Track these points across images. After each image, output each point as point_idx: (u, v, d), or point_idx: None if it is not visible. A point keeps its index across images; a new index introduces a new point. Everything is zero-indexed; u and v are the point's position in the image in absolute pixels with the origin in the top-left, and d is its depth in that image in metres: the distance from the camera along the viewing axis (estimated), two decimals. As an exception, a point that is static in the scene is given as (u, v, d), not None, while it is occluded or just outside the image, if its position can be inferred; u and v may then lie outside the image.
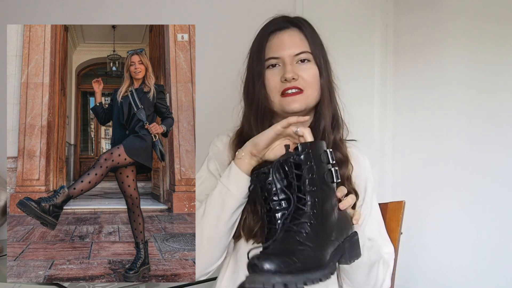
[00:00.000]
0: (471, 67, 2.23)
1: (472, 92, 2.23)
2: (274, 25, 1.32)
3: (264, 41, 1.31)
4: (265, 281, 0.95)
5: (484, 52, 2.19)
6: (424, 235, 2.33)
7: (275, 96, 1.29)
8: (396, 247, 1.43)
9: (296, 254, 0.99)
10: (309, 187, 1.05)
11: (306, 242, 1.02)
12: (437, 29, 2.34)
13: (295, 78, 1.27)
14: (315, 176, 1.06)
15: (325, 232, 1.05)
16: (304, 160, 1.06)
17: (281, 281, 0.96)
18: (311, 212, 1.04)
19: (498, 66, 2.14)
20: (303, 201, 1.05)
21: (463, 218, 2.26)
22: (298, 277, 0.97)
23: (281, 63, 1.29)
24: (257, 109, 1.31)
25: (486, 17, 2.18)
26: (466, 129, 2.25)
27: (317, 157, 1.08)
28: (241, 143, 1.30)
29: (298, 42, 1.31)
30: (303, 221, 1.03)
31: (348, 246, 1.09)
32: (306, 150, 1.07)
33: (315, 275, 1.00)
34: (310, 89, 1.29)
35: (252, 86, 1.32)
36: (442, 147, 2.32)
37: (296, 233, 1.02)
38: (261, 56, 1.30)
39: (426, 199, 2.34)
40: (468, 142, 2.24)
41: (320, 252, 1.03)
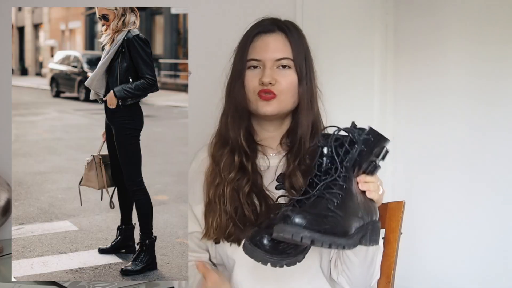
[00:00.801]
0: (472, 68, 2.23)
1: (474, 94, 2.23)
2: (261, 27, 1.35)
3: (248, 42, 1.34)
4: (294, 233, 1.02)
5: (484, 53, 2.19)
6: (424, 235, 2.33)
7: (252, 96, 1.32)
8: (396, 247, 1.44)
9: (326, 217, 1.06)
10: (350, 165, 1.12)
11: (336, 210, 1.08)
12: (437, 29, 2.34)
13: (272, 83, 1.30)
14: (359, 159, 1.13)
15: (353, 208, 1.11)
16: (363, 142, 1.13)
17: (309, 236, 1.02)
18: (344, 186, 1.11)
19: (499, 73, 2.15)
20: (340, 174, 1.11)
21: (464, 218, 2.25)
22: (325, 238, 1.04)
23: (262, 66, 1.32)
24: (235, 107, 1.35)
25: (486, 17, 2.18)
26: (467, 129, 2.25)
27: (374, 147, 1.15)
28: (221, 142, 1.36)
29: (281, 47, 1.33)
30: (336, 191, 1.10)
31: (371, 229, 1.14)
32: (371, 136, 1.14)
33: (340, 241, 1.06)
34: (285, 95, 1.32)
35: (233, 84, 1.35)
36: (443, 147, 2.32)
37: (328, 200, 1.09)
38: (243, 56, 1.33)
39: (426, 199, 2.34)
40: (469, 142, 2.24)
41: (347, 223, 1.09)
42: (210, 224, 1.33)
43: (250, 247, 1.13)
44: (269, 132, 1.40)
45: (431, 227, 2.34)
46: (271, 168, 1.37)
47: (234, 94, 1.34)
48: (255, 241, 1.13)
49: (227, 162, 1.34)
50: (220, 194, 1.32)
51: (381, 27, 2.52)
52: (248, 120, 1.37)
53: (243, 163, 1.33)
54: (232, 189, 1.32)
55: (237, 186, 1.32)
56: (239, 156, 1.34)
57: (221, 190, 1.33)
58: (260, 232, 1.13)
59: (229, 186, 1.32)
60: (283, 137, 1.39)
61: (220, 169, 1.34)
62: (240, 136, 1.34)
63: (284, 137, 1.39)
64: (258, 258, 1.12)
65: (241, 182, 1.32)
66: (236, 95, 1.33)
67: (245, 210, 1.30)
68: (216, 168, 1.35)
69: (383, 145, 1.17)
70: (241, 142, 1.34)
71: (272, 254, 1.11)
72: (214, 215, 1.32)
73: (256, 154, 1.38)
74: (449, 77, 2.31)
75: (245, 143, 1.34)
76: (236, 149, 1.34)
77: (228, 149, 1.35)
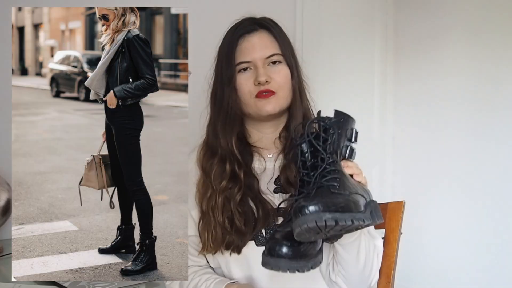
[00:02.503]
0: (472, 71, 2.23)
1: (474, 93, 2.23)
2: (242, 28, 1.33)
3: (233, 45, 1.31)
4: (316, 218, 1.02)
5: (484, 56, 2.19)
6: (424, 235, 2.33)
7: (249, 99, 1.30)
8: (396, 247, 1.43)
9: (337, 198, 1.06)
10: (333, 149, 1.13)
11: (341, 191, 1.09)
12: (437, 31, 2.34)
13: (268, 81, 1.29)
14: (338, 142, 1.15)
15: (352, 186, 1.12)
16: (336, 125, 1.14)
17: (331, 217, 1.02)
18: (336, 170, 1.12)
19: (499, 76, 2.14)
20: (328, 161, 1.12)
21: (464, 218, 2.26)
22: (345, 215, 1.04)
23: (253, 67, 1.30)
24: (225, 114, 1.32)
25: (487, 20, 2.18)
26: (466, 130, 2.25)
27: (345, 128, 1.16)
28: (209, 152, 1.34)
29: (268, 44, 1.32)
30: (332, 176, 1.10)
31: (373, 206, 1.14)
32: (340, 118, 1.15)
33: (359, 215, 1.07)
34: (283, 90, 1.31)
35: (221, 91, 1.32)
36: (443, 147, 2.32)
37: (329, 186, 1.09)
38: (231, 61, 1.30)
39: (426, 199, 2.34)
40: (470, 142, 2.24)
41: (355, 199, 1.09)
42: (206, 238, 1.32)
43: (272, 260, 1.11)
44: (266, 134, 1.38)
45: (431, 227, 2.34)
46: (268, 170, 1.36)
47: (224, 101, 1.31)
48: (275, 253, 1.11)
49: (217, 172, 1.32)
50: (213, 206, 1.31)
51: (381, 28, 2.52)
52: (241, 125, 1.35)
53: (235, 171, 1.31)
54: (224, 198, 1.30)
55: (229, 195, 1.30)
56: (230, 164, 1.32)
57: (213, 201, 1.31)
58: (277, 243, 1.12)
59: (221, 196, 1.30)
60: (281, 133, 1.38)
61: (211, 180, 1.32)
62: (232, 142, 1.32)
63: (282, 132, 1.38)
64: (285, 268, 1.10)
65: (233, 190, 1.30)
66: (227, 101, 1.31)
67: (236, 220, 1.28)
68: (208, 180, 1.33)
69: (352, 127, 1.18)
70: (232, 149, 1.32)
71: (297, 260, 1.10)
72: (209, 228, 1.31)
73: (252, 157, 1.36)
74: (448, 78, 2.31)
75: (236, 150, 1.32)
76: (227, 157, 1.32)
77: (217, 158, 1.33)
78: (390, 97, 2.53)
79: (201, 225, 1.34)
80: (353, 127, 1.18)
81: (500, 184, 2.16)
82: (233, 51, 1.31)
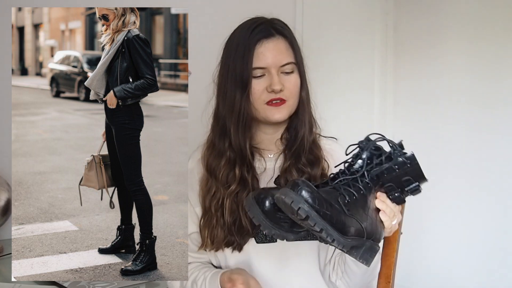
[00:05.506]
0: (472, 69, 2.23)
1: (474, 90, 2.23)
2: (259, 32, 1.30)
3: (251, 49, 1.28)
4: (295, 200, 1.02)
5: (485, 54, 2.19)
6: (424, 235, 2.33)
7: (259, 105, 1.29)
8: (396, 247, 1.44)
9: (331, 206, 1.05)
10: (375, 175, 1.11)
11: (344, 206, 1.07)
12: (437, 30, 2.34)
13: (282, 90, 1.28)
14: (386, 176, 1.11)
15: (360, 214, 1.09)
16: (399, 162, 1.11)
17: (307, 211, 1.02)
18: (362, 191, 1.10)
19: (499, 74, 2.14)
20: (363, 179, 1.11)
21: (463, 218, 2.26)
22: (320, 221, 1.03)
23: (267, 73, 1.29)
24: (238, 118, 1.30)
25: (487, 18, 2.18)
26: (466, 129, 2.25)
27: (407, 175, 1.12)
28: (215, 152, 1.33)
29: (284, 52, 1.31)
30: (352, 191, 1.09)
31: (367, 246, 1.10)
32: (409, 162, 1.11)
33: (333, 233, 1.05)
34: (292, 99, 1.31)
35: (232, 92, 1.30)
36: (442, 147, 2.32)
37: (340, 195, 1.08)
38: (248, 65, 1.28)
39: (426, 199, 2.33)
40: (469, 142, 2.24)
41: (348, 223, 1.07)
42: (206, 237, 1.33)
43: (251, 200, 1.12)
44: (268, 135, 1.38)
45: (431, 227, 2.34)
46: (268, 171, 1.36)
47: (237, 104, 1.29)
48: (259, 198, 1.12)
49: (225, 174, 1.32)
50: (218, 207, 1.31)
51: (381, 27, 2.52)
52: (251, 129, 1.34)
53: (244, 175, 1.31)
54: (232, 201, 1.31)
55: (237, 199, 1.31)
56: (240, 168, 1.31)
57: (219, 201, 1.32)
58: (268, 193, 1.12)
59: (229, 198, 1.31)
60: (283, 134, 1.38)
61: (217, 181, 1.33)
62: (246, 147, 1.31)
63: (284, 133, 1.38)
64: (253, 214, 1.12)
65: (242, 194, 1.30)
66: (241, 105, 1.29)
67: (243, 221, 1.30)
68: (213, 181, 1.33)
69: (419, 181, 1.13)
70: (246, 153, 1.31)
71: (266, 217, 1.11)
72: (210, 226, 1.32)
73: (253, 157, 1.36)
74: (449, 77, 2.31)
75: (250, 155, 1.32)
76: (238, 161, 1.32)
77: (225, 160, 1.32)
78: (390, 95, 2.52)
79: (202, 222, 1.35)
80: (420, 182, 1.13)
81: (501, 184, 2.16)
82: (250, 55, 1.28)
